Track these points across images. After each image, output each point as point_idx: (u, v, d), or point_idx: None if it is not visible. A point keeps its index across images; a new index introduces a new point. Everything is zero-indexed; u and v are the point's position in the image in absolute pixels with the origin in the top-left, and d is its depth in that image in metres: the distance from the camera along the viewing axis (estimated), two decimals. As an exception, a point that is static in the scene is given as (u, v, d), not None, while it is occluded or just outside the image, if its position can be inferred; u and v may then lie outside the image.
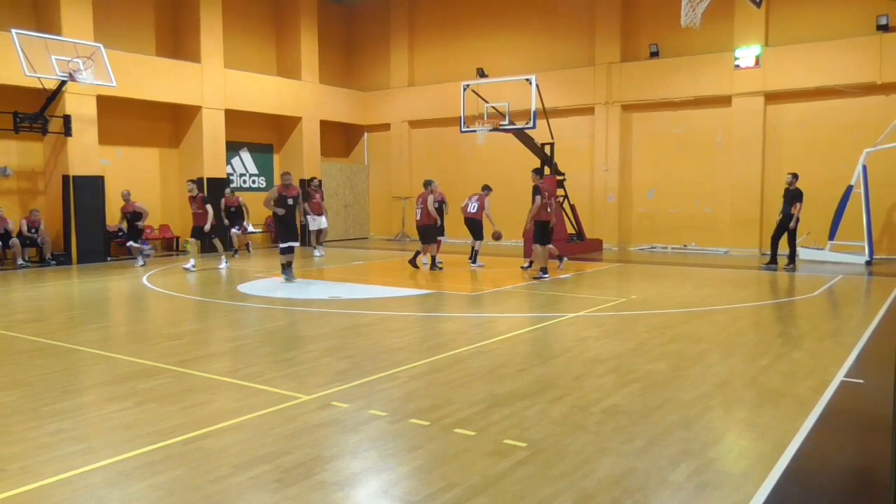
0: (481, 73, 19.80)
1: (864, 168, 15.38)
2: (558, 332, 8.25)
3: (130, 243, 16.10)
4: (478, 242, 14.98)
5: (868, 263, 14.93)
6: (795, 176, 14.38)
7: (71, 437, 4.68)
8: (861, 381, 6.15)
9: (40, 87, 15.10)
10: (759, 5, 16.03)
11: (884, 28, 16.12)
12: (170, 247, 19.31)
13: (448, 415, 5.11)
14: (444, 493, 3.78)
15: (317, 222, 17.86)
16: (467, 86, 18.24)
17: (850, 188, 15.52)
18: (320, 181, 18.88)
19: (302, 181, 19.92)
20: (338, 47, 24.59)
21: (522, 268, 14.20)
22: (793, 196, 14.21)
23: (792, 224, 14.20)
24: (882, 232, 16.38)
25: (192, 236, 15.51)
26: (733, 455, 4.45)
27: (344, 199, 23.93)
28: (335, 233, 23.47)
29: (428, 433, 4.74)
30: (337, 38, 24.52)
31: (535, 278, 12.80)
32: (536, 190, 13.03)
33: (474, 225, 14.87)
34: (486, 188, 15.42)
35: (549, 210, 13.16)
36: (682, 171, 19.06)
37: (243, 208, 18.10)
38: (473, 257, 15.07)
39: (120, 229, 16.39)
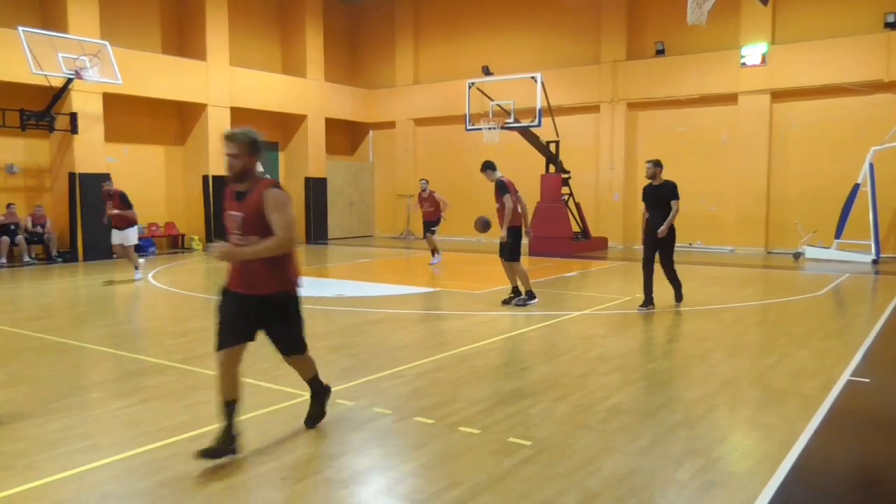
0: (486, 71, 19.78)
1: (871, 166, 15.32)
2: (563, 331, 8.23)
3: None
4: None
5: (875, 262, 14.87)
6: (659, 164, 9.60)
7: (77, 434, 4.69)
8: (867, 380, 6.12)
9: (47, 84, 15.14)
10: (765, 3, 16.01)
11: (891, 26, 16.03)
12: (175, 244, 19.35)
13: (453, 413, 5.11)
14: (448, 492, 3.78)
15: (121, 236, 12.57)
16: (472, 84, 18.23)
17: (856, 186, 15.46)
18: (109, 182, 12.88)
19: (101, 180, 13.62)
20: (343, 45, 24.59)
21: (504, 302, 9.97)
22: (664, 194, 9.39)
23: (662, 230, 9.26)
24: (889, 230, 16.30)
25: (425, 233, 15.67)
26: (738, 454, 4.44)
27: (349, 197, 23.94)
28: (340, 230, 23.48)
29: (433, 431, 4.74)
30: (342, 36, 24.51)
31: (517, 304, 9.83)
32: (504, 187, 9.71)
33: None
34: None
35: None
36: (687, 170, 18.91)
37: None
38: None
39: None
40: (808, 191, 17.28)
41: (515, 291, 9.98)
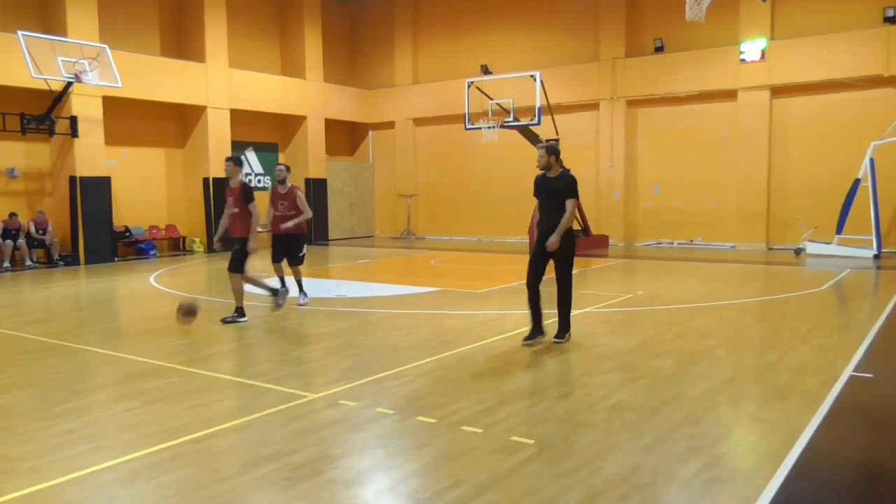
0: (485, 70, 19.78)
1: (872, 161, 15.31)
2: (565, 329, 8.21)
3: None
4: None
5: (876, 257, 14.86)
6: (553, 151, 7.63)
7: (80, 437, 4.70)
8: (870, 375, 6.12)
9: (47, 88, 15.15)
10: (764, -2, 16.02)
11: (891, 20, 16.00)
12: (176, 247, 19.35)
13: (455, 412, 5.11)
14: (451, 491, 3.78)
15: None
16: (472, 83, 18.23)
17: (857, 181, 15.45)
18: None
19: None
20: (342, 46, 24.59)
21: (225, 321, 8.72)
22: (559, 188, 7.47)
23: (552, 242, 7.34)
24: (890, 225, 16.29)
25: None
26: (741, 451, 4.44)
27: (349, 198, 23.95)
28: (340, 231, 23.49)
29: (435, 431, 4.74)
30: (341, 37, 24.51)
31: (226, 320, 8.65)
32: (251, 195, 8.69)
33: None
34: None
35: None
36: (687, 166, 18.99)
37: None
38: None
39: None
40: (809, 186, 17.27)
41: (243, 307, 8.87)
